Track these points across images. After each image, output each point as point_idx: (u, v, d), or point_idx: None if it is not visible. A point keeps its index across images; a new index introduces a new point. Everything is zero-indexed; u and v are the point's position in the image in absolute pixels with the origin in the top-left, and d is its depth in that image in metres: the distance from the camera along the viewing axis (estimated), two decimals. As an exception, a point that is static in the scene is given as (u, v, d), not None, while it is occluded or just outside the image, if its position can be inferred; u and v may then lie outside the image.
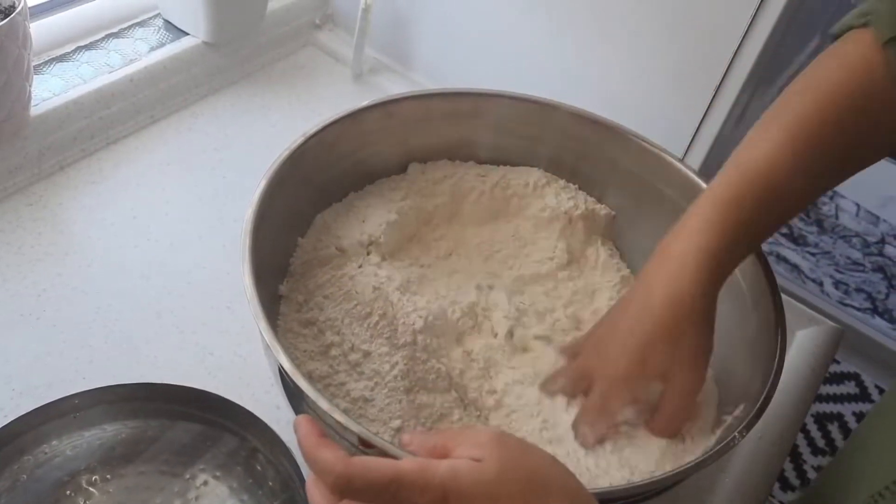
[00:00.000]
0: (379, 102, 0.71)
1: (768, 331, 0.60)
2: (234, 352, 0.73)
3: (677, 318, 0.55)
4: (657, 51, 0.87)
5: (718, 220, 0.56)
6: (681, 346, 0.56)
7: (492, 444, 0.42)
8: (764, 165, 0.56)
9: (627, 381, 0.57)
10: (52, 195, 0.84)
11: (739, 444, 0.53)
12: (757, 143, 0.58)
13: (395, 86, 1.06)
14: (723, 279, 0.57)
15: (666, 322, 0.55)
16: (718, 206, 0.56)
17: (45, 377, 0.69)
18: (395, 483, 0.40)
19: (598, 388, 0.58)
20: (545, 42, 0.95)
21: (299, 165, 0.65)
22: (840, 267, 2.05)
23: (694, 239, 0.56)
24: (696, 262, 0.55)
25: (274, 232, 0.63)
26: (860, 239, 2.08)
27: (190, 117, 0.97)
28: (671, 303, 0.55)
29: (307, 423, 0.45)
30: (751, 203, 0.56)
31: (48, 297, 0.76)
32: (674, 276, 0.55)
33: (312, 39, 1.11)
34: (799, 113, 0.57)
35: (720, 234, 0.56)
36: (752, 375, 0.59)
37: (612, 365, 0.57)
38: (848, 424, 1.91)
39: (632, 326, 0.57)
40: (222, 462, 0.63)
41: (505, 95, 0.74)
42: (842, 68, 0.57)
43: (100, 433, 0.63)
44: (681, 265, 0.55)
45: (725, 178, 0.58)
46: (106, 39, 0.95)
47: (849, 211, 2.12)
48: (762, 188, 0.56)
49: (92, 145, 0.89)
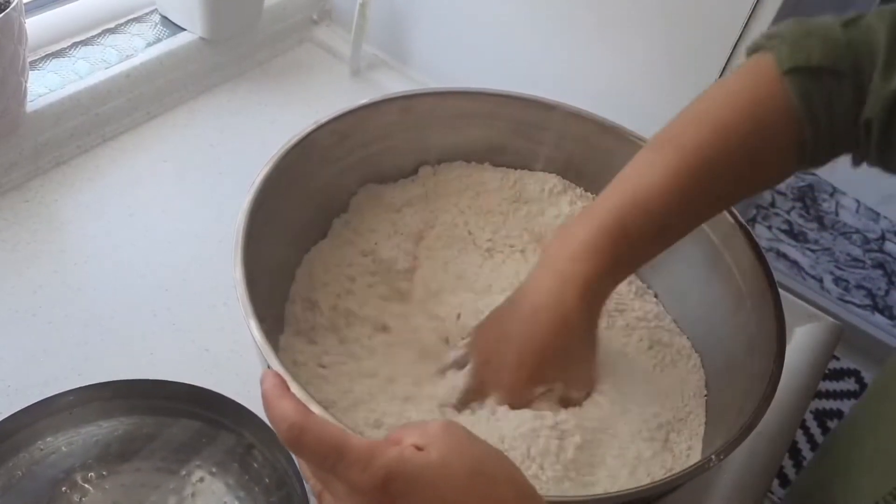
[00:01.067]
0: (398, 96, 0.71)
1: (767, 332, 0.60)
2: (231, 348, 0.73)
3: (564, 335, 0.58)
4: (656, 45, 0.87)
5: (603, 250, 0.57)
6: (570, 358, 0.60)
7: (439, 433, 0.42)
8: (655, 195, 0.57)
9: (525, 391, 0.60)
10: (47, 192, 0.84)
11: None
12: (649, 168, 0.58)
13: (393, 82, 1.05)
14: (604, 299, 0.60)
15: (555, 338, 0.58)
16: (604, 235, 0.57)
17: (40, 374, 0.69)
18: (338, 452, 0.40)
19: (496, 398, 0.60)
20: (544, 37, 0.94)
21: (307, 156, 0.65)
22: (840, 263, 2.04)
23: (578, 265, 0.57)
24: (579, 289, 0.57)
25: (273, 227, 0.62)
26: (860, 235, 2.08)
27: (187, 114, 0.96)
28: (558, 321, 0.58)
29: (273, 376, 0.45)
30: (637, 234, 0.58)
31: (44, 294, 0.75)
32: (558, 296, 0.58)
33: (310, 36, 1.11)
34: (694, 142, 0.57)
35: (603, 263, 0.57)
36: (752, 377, 0.59)
37: (508, 376, 0.60)
38: (848, 421, 1.90)
39: (522, 340, 0.59)
40: (219, 459, 0.62)
41: (522, 98, 0.74)
42: (741, 96, 0.57)
43: (95, 430, 0.62)
44: (564, 287, 0.58)
45: (614, 202, 0.58)
46: (102, 35, 0.95)
47: (849, 207, 2.12)
48: (650, 219, 0.58)
49: (88, 142, 0.89)
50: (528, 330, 0.59)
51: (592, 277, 0.57)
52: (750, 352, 0.62)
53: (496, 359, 0.60)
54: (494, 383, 0.60)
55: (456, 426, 0.43)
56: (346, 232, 0.71)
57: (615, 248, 0.57)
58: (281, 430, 0.41)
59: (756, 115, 0.56)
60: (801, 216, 2.08)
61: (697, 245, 0.68)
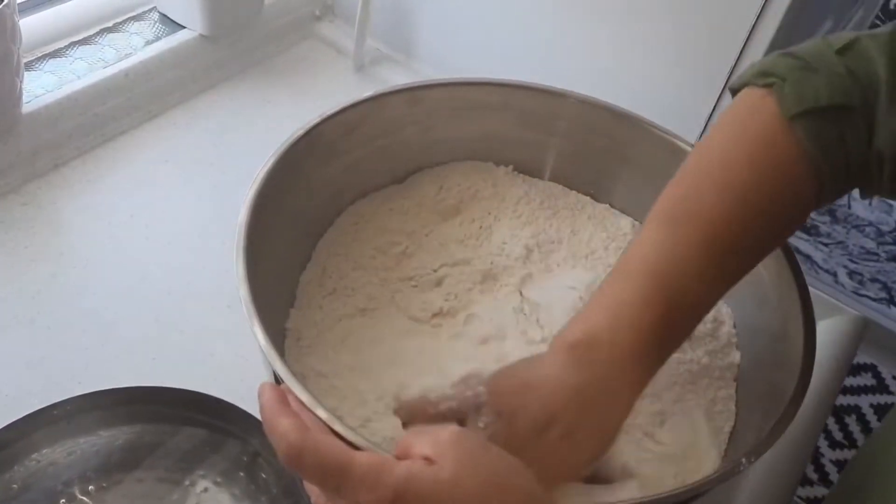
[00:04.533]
0: (405, 88, 0.69)
1: (795, 328, 0.57)
2: (236, 352, 0.71)
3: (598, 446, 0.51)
4: (667, 35, 0.85)
5: (647, 353, 0.50)
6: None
7: (449, 443, 0.40)
8: (693, 286, 0.51)
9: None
10: (46, 194, 0.82)
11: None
12: (675, 251, 0.52)
13: (398, 77, 1.03)
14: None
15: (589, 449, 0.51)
16: (653, 338, 0.50)
17: (39, 382, 0.67)
18: (342, 472, 0.38)
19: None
20: (551, 27, 0.92)
21: (312, 150, 0.63)
22: (854, 257, 2.02)
23: (627, 371, 0.50)
24: (631, 396, 0.50)
25: (278, 224, 0.60)
26: (874, 228, 2.05)
27: (188, 113, 0.94)
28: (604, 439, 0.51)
29: (271, 389, 0.43)
30: (680, 327, 0.52)
31: (42, 298, 0.73)
32: (603, 407, 0.50)
33: (312, 31, 1.09)
34: (719, 215, 0.52)
35: (649, 367, 0.51)
36: (779, 375, 0.57)
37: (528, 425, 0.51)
38: (866, 416, 1.88)
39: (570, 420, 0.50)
40: (224, 468, 0.60)
41: (532, 87, 0.71)
42: (755, 151, 0.52)
43: (95, 440, 0.60)
44: (616, 397, 0.50)
45: (648, 294, 0.51)
46: (100, 34, 0.93)
47: (861, 200, 2.09)
48: (692, 312, 0.52)
49: (87, 143, 0.87)
50: (577, 447, 0.51)
51: (639, 386, 0.51)
52: (776, 349, 0.60)
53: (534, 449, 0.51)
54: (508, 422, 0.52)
55: (468, 435, 0.41)
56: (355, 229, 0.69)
57: (661, 351, 0.51)
58: (280, 450, 0.40)
59: (776, 173, 0.52)
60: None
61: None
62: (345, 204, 0.70)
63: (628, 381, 0.50)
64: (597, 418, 0.50)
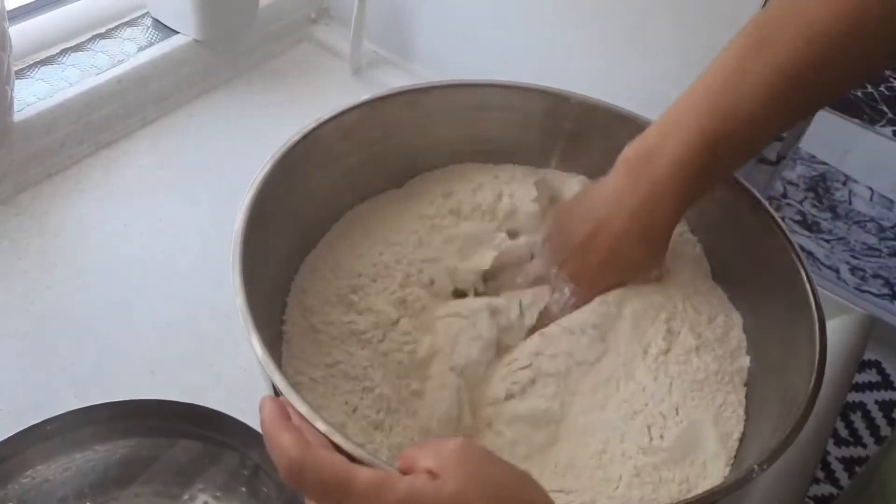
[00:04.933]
0: (404, 90, 0.68)
1: (804, 328, 0.56)
2: (235, 362, 0.70)
3: (650, 249, 0.60)
4: (666, 34, 0.83)
5: (692, 174, 0.56)
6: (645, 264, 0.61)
7: (454, 456, 0.38)
8: (746, 115, 0.55)
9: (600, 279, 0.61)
10: (39, 204, 0.81)
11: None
12: (740, 81, 0.55)
13: (396, 79, 1.02)
14: (684, 212, 0.60)
15: (638, 253, 0.60)
16: (695, 159, 0.55)
17: (33, 397, 0.65)
18: (343, 488, 0.38)
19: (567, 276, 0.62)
20: (551, 28, 0.91)
21: (309, 154, 0.62)
22: (856, 253, 2.01)
23: (670, 182, 0.56)
24: (670, 206, 0.57)
25: (276, 230, 0.59)
26: (875, 224, 2.05)
27: (183, 119, 0.93)
28: (648, 234, 0.59)
29: (272, 403, 0.43)
30: (727, 155, 0.56)
31: (36, 311, 0.72)
32: (647, 212, 0.57)
33: (308, 34, 1.08)
34: (790, 52, 0.53)
35: (692, 185, 0.57)
36: (788, 377, 0.56)
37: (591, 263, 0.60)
38: (871, 414, 1.87)
39: (611, 241, 0.59)
40: (223, 481, 0.59)
41: (535, 89, 0.70)
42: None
43: (91, 455, 0.59)
44: (657, 204, 0.57)
45: (702, 118, 0.55)
46: (92, 40, 0.92)
47: (862, 196, 2.08)
48: (741, 139, 0.56)
49: (80, 151, 0.86)
50: (617, 243, 0.59)
51: (680, 203, 0.57)
52: (786, 353, 0.59)
53: (579, 260, 0.61)
54: (570, 278, 0.61)
55: (474, 446, 0.40)
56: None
57: (704, 174, 0.56)
58: (281, 466, 0.39)
59: (852, 20, 0.52)
60: (813, 206, 2.05)
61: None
62: (343, 209, 0.69)
63: (670, 191, 0.56)
64: (640, 224, 0.57)
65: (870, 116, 1.75)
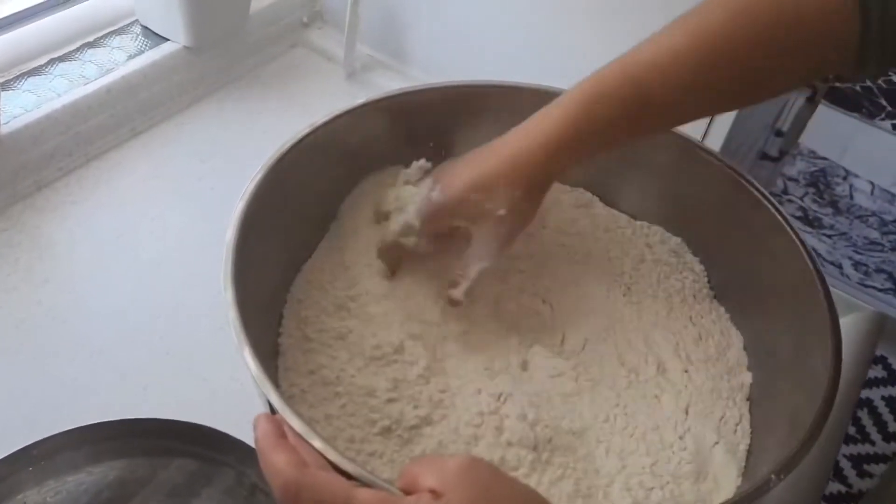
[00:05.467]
0: (397, 94, 0.66)
1: (818, 329, 0.54)
2: (231, 376, 0.68)
3: (504, 174, 0.57)
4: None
5: (573, 118, 0.54)
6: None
7: (459, 474, 0.37)
8: (644, 70, 0.53)
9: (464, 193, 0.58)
10: (29, 218, 0.79)
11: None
12: (653, 43, 0.53)
13: (390, 82, 1.00)
14: (563, 170, 0.58)
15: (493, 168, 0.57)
16: (581, 102, 0.54)
17: (25, 417, 0.64)
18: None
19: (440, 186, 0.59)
20: (546, 28, 0.90)
21: (302, 161, 0.60)
22: (858, 248, 2.00)
23: (547, 129, 0.55)
24: (546, 144, 0.55)
25: (269, 240, 0.57)
26: (877, 218, 2.04)
27: (174, 128, 0.91)
28: (512, 158, 0.56)
29: (266, 421, 0.41)
30: (617, 103, 0.53)
31: (27, 328, 0.70)
32: (518, 141, 0.56)
33: (301, 39, 1.06)
34: (710, 21, 0.51)
35: (573, 129, 0.54)
36: (801, 379, 0.54)
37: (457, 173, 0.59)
38: (878, 409, 1.85)
39: (478, 161, 0.58)
40: (219, 500, 0.57)
41: (531, 88, 0.68)
42: None
43: (84, 477, 0.57)
44: (529, 151, 0.55)
45: (606, 71, 0.54)
46: (80, 50, 0.90)
47: (863, 190, 2.07)
48: (634, 93, 0.53)
49: (70, 163, 0.84)
50: (481, 156, 0.58)
51: (554, 136, 0.54)
52: (796, 351, 0.57)
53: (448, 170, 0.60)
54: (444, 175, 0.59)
55: (479, 463, 0.38)
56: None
57: (587, 114, 0.54)
58: (276, 488, 0.37)
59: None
60: (814, 202, 2.04)
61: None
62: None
63: (542, 126, 0.55)
64: (507, 149, 0.56)
65: (869, 110, 1.73)
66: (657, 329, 0.63)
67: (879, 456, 1.73)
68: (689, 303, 0.65)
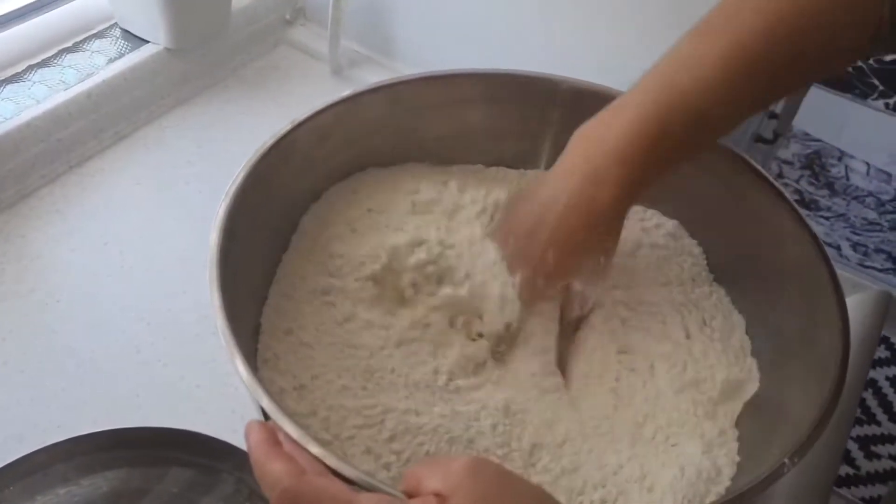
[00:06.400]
0: (383, 85, 0.65)
1: (825, 312, 0.53)
2: (224, 381, 0.66)
3: (593, 236, 0.55)
4: (660, 21, 0.80)
5: (640, 154, 0.52)
6: (591, 255, 0.57)
7: (464, 476, 0.36)
8: (701, 91, 0.51)
9: (547, 279, 0.57)
10: (13, 227, 0.77)
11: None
12: (695, 58, 0.52)
13: (377, 77, 0.97)
14: (635, 200, 0.56)
15: (585, 235, 0.55)
16: (643, 138, 0.52)
17: (14, 429, 0.62)
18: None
19: (521, 275, 0.58)
20: (536, 20, 0.88)
21: (286, 159, 0.59)
22: (856, 228, 1.98)
23: (613, 169, 0.52)
24: (612, 192, 0.53)
25: (254, 242, 0.56)
26: (874, 198, 2.02)
27: (158, 131, 0.89)
28: (590, 222, 0.55)
29: (259, 428, 0.40)
30: (680, 135, 0.52)
31: (14, 339, 0.69)
32: (589, 199, 0.54)
33: (284, 37, 1.04)
34: (750, 28, 0.51)
35: (639, 168, 0.53)
36: (808, 363, 0.53)
37: (535, 261, 0.57)
38: (883, 390, 1.84)
39: (553, 233, 0.55)
40: (218, 510, 0.55)
41: (523, 75, 0.67)
42: None
43: (76, 490, 0.56)
44: (596, 189, 0.53)
45: (654, 96, 0.52)
46: (59, 55, 0.88)
47: (859, 171, 2.05)
48: (695, 119, 0.52)
49: (53, 170, 0.82)
50: (558, 225, 0.54)
51: (626, 182, 0.53)
52: (803, 334, 0.56)
53: (525, 245, 0.57)
54: (520, 265, 0.57)
55: (484, 463, 0.37)
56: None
57: (654, 152, 0.52)
58: (273, 499, 0.35)
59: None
60: (811, 184, 2.02)
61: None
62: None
63: (617, 165, 0.52)
64: (582, 203, 0.53)
65: (861, 90, 1.72)
66: (657, 313, 0.62)
67: (886, 437, 1.72)
68: (689, 286, 0.63)
